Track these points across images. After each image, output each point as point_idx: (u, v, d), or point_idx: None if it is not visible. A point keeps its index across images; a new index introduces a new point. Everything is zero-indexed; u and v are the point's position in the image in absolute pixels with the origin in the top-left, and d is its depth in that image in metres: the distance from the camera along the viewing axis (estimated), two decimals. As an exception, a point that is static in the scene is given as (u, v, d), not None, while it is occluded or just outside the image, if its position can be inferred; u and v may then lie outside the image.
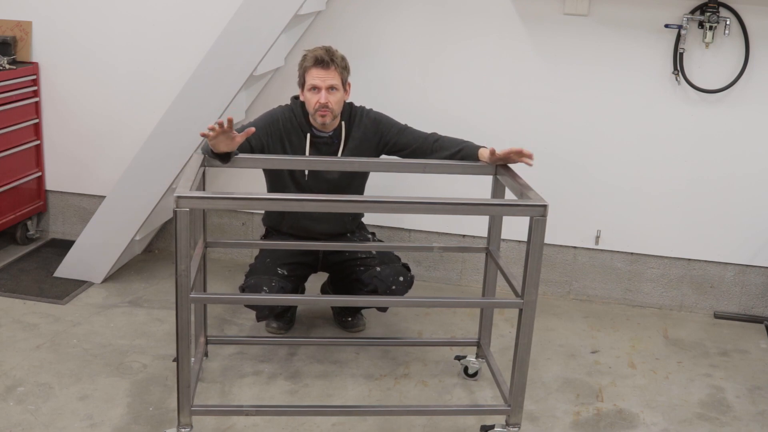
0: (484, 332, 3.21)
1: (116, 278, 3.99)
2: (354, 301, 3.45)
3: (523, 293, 2.59)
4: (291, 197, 2.82)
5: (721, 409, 3.16)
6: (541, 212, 2.51)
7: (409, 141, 3.22)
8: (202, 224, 3.05)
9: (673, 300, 4.05)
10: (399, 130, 3.25)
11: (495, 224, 3.10)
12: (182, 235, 2.43)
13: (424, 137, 3.20)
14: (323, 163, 3.12)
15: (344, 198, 2.90)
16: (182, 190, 2.46)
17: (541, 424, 2.98)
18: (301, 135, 3.23)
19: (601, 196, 3.96)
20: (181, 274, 2.46)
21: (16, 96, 4.06)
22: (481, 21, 3.82)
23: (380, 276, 3.27)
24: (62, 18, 4.13)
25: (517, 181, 2.81)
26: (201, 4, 3.95)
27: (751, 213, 3.87)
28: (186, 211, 2.42)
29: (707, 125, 3.80)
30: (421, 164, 3.09)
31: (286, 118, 3.24)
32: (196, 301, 2.69)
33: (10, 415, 2.83)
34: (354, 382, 3.19)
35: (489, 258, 3.12)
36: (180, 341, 2.52)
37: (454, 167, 3.08)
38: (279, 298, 3.16)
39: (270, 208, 3.07)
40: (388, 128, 3.26)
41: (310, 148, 3.23)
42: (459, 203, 2.60)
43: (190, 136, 3.62)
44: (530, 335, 2.63)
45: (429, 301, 3.73)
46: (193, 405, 2.63)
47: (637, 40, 3.73)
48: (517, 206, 2.62)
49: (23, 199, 4.25)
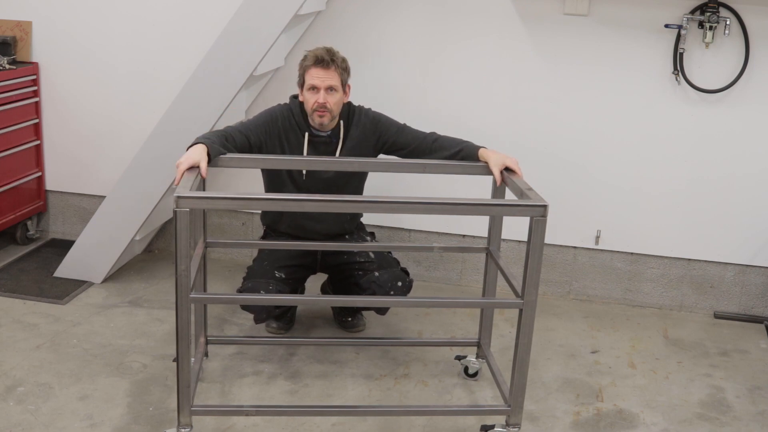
0: (485, 332, 3.21)
1: (116, 278, 3.99)
2: (353, 301, 3.45)
3: (523, 293, 2.59)
4: (290, 197, 2.82)
5: (721, 409, 3.16)
6: (541, 212, 2.50)
7: (408, 140, 3.22)
8: (202, 224, 3.05)
9: (673, 300, 4.05)
10: (398, 129, 3.25)
11: (495, 224, 3.10)
12: (182, 235, 2.43)
13: (422, 137, 3.20)
14: (321, 163, 3.12)
15: (343, 198, 2.90)
16: (182, 190, 2.46)
17: (541, 424, 2.98)
18: (299, 134, 3.22)
19: (601, 196, 3.96)
20: (181, 274, 2.46)
21: (16, 96, 4.06)
22: (481, 21, 3.82)
23: (378, 281, 3.27)
24: (62, 18, 4.13)
25: (517, 181, 2.81)
26: (201, 4, 3.95)
27: (751, 213, 3.86)
28: (186, 211, 2.42)
29: (707, 125, 3.80)
30: (421, 164, 3.09)
31: (285, 116, 3.23)
32: (196, 301, 2.69)
33: (10, 415, 2.83)
34: (354, 382, 3.19)
35: (489, 258, 3.12)
36: (180, 341, 2.52)
37: (454, 167, 3.08)
38: (278, 298, 3.16)
39: (269, 208, 3.07)
40: (386, 127, 3.26)
41: (308, 148, 3.22)
42: (459, 203, 2.61)
43: (190, 136, 3.59)
44: (530, 335, 2.63)
45: (429, 302, 3.73)
46: (193, 405, 2.63)
47: (637, 40, 3.73)
48: (517, 206, 2.62)
49: (23, 199, 4.25)
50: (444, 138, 3.17)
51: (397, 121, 3.29)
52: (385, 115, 3.30)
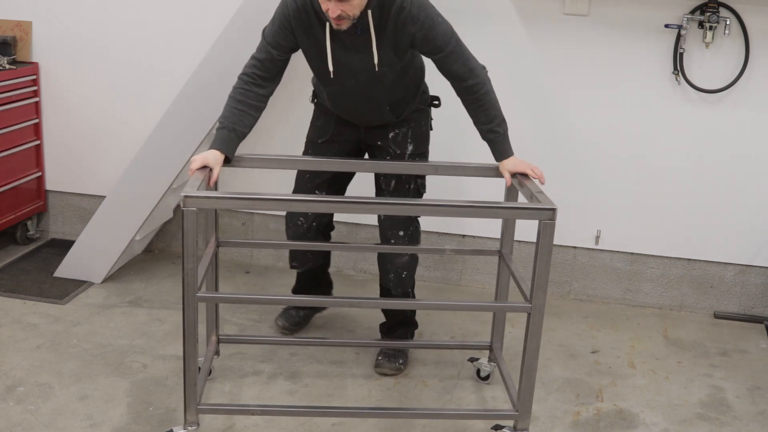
0: (496, 336, 3.16)
1: (116, 278, 3.99)
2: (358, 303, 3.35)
3: (532, 297, 2.55)
4: (297, 198, 2.72)
5: (721, 409, 3.16)
6: (550, 216, 2.47)
7: (447, 72, 2.84)
8: (214, 223, 3.04)
9: (673, 300, 4.05)
10: (439, 59, 2.82)
11: (508, 227, 3.05)
12: (189, 235, 2.43)
13: (464, 84, 2.82)
14: (332, 164, 3.05)
15: (351, 199, 2.83)
16: (190, 189, 2.46)
17: (541, 424, 2.98)
18: (318, 26, 2.80)
19: (601, 196, 3.96)
20: (188, 273, 2.45)
21: (16, 96, 4.06)
22: (481, 21, 3.82)
23: (382, 224, 3.15)
24: (62, 18, 4.13)
25: (528, 184, 2.76)
26: (201, 3, 3.95)
27: (751, 213, 3.86)
28: (193, 210, 2.41)
29: (707, 125, 3.80)
30: (433, 166, 3.03)
31: (297, 8, 2.80)
32: (203, 300, 2.69)
33: (10, 415, 2.83)
34: (354, 382, 3.19)
35: (501, 261, 3.07)
36: (187, 340, 2.52)
37: (466, 169, 3.01)
38: (287, 299, 3.11)
39: (276, 208, 3.04)
40: (427, 47, 2.81)
41: (332, 42, 2.81)
42: (465, 206, 2.58)
43: (190, 136, 3.62)
44: (538, 340, 2.59)
45: (437, 305, 3.67)
46: (200, 403, 2.63)
47: (637, 40, 3.73)
48: (526, 209, 2.59)
49: (23, 199, 4.25)
50: (484, 107, 2.85)
51: (446, 41, 2.80)
52: (436, 26, 2.77)
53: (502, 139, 2.90)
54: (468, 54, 2.87)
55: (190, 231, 2.43)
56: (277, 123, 4.03)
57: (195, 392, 2.58)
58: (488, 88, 2.89)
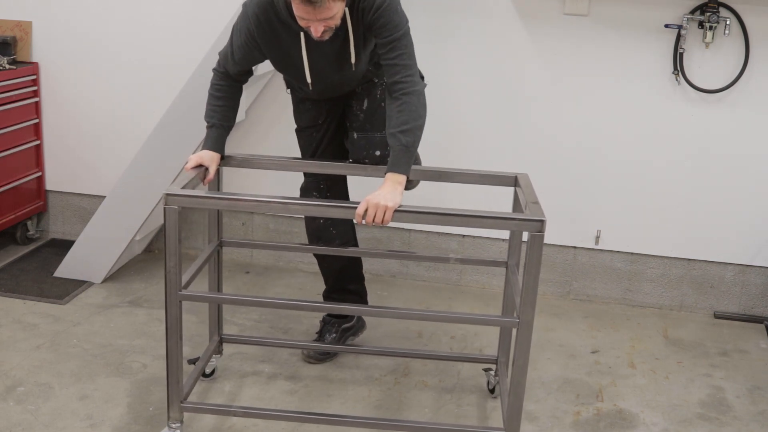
0: (503, 350, 3.04)
1: (116, 278, 3.99)
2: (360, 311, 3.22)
3: (520, 312, 2.41)
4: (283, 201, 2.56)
5: (721, 409, 3.16)
6: (538, 227, 2.33)
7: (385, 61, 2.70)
8: (216, 223, 3.04)
9: (673, 300, 4.05)
10: (383, 43, 2.67)
11: (515, 238, 2.91)
12: (171, 233, 2.44)
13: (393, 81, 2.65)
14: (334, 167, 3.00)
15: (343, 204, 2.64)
16: (173, 188, 2.46)
17: (541, 424, 2.98)
18: (288, 37, 2.70)
19: (601, 196, 3.96)
20: (170, 271, 2.47)
21: (16, 96, 4.06)
22: (481, 21, 3.82)
23: (355, 144, 3.02)
24: (62, 18, 4.13)
25: (527, 193, 2.66)
26: (201, 3, 3.95)
27: (751, 213, 3.86)
28: (174, 208, 2.42)
29: (707, 125, 3.80)
30: (437, 172, 2.93)
31: (264, 21, 2.66)
32: (186, 299, 2.68)
33: (10, 415, 2.83)
34: (354, 382, 3.19)
35: (509, 273, 2.95)
36: (169, 338, 2.54)
37: (472, 176, 2.91)
38: (288, 303, 3.09)
39: (258, 210, 3.03)
40: (378, 31, 2.67)
41: (307, 47, 2.71)
42: (452, 214, 2.45)
43: (190, 136, 3.62)
44: (527, 356, 2.44)
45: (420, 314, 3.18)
46: (183, 401, 2.63)
47: (637, 40, 3.73)
48: (513, 220, 2.49)
49: (23, 199, 4.25)
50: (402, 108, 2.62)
51: (394, 33, 2.66)
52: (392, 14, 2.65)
53: (402, 152, 2.59)
54: (412, 57, 2.72)
55: (172, 229, 2.44)
56: (276, 122, 4.03)
57: (178, 390, 2.58)
58: (415, 94, 2.64)
